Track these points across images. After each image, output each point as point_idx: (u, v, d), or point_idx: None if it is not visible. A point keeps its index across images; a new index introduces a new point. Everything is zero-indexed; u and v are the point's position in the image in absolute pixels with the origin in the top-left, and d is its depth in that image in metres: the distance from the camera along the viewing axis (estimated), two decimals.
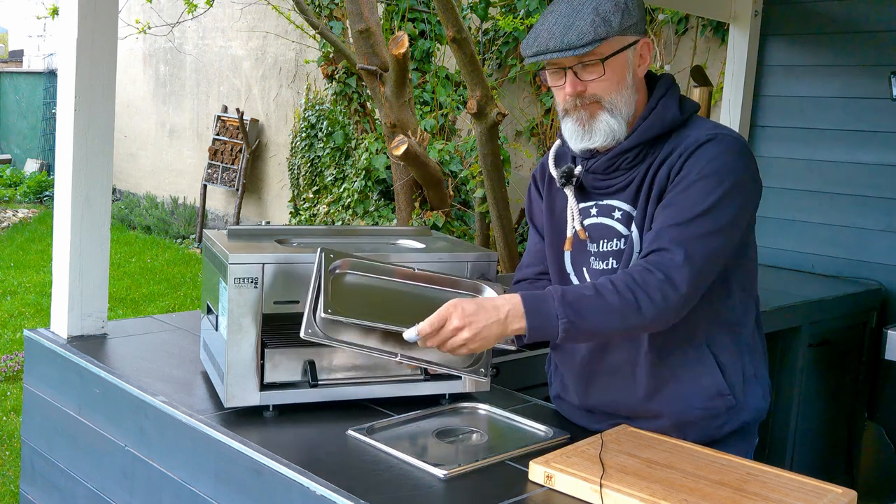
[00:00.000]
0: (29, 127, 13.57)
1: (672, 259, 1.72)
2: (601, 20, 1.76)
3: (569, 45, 1.76)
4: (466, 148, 6.60)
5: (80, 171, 2.37)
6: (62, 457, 2.29)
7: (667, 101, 1.87)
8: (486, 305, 1.68)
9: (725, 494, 1.54)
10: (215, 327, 1.97)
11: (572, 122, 1.85)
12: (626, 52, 1.82)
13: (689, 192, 1.77)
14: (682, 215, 1.76)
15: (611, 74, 1.81)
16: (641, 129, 1.84)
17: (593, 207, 1.91)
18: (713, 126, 1.86)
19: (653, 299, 1.70)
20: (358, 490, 1.54)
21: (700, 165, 1.77)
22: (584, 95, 1.82)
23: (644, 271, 1.72)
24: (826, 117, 4.09)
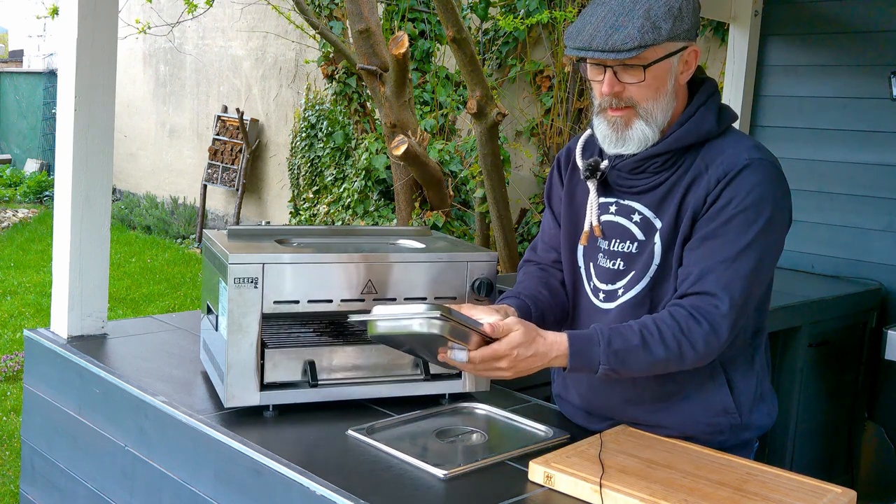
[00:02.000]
0: (29, 127, 13.57)
1: (718, 308, 1.71)
2: (651, 26, 1.70)
3: (612, 47, 1.70)
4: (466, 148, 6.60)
5: (80, 171, 2.37)
6: (62, 457, 2.29)
7: (706, 110, 1.82)
8: (536, 353, 1.67)
9: (725, 494, 1.54)
10: (215, 327, 1.97)
11: (606, 126, 1.81)
12: (671, 59, 1.76)
13: (730, 224, 1.74)
14: (725, 252, 1.73)
15: (651, 81, 1.75)
16: (675, 137, 1.80)
17: (613, 205, 1.89)
18: (751, 146, 1.80)
19: (696, 349, 1.71)
20: (358, 490, 1.54)
21: (741, 196, 1.74)
22: (621, 97, 1.77)
23: (690, 319, 1.71)
24: (826, 117, 4.09)
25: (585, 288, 1.94)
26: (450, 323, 1.61)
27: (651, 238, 1.83)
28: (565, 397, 2.04)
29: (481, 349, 1.65)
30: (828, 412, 3.80)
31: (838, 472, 3.92)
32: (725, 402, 1.85)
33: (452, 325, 1.61)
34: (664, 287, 1.82)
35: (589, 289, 1.93)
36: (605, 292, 1.88)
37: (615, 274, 1.86)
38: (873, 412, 3.96)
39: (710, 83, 1.87)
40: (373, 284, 1.92)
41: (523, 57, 6.97)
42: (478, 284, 1.97)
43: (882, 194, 3.93)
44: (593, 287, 1.92)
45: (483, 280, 1.97)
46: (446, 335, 1.61)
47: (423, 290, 1.96)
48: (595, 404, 1.95)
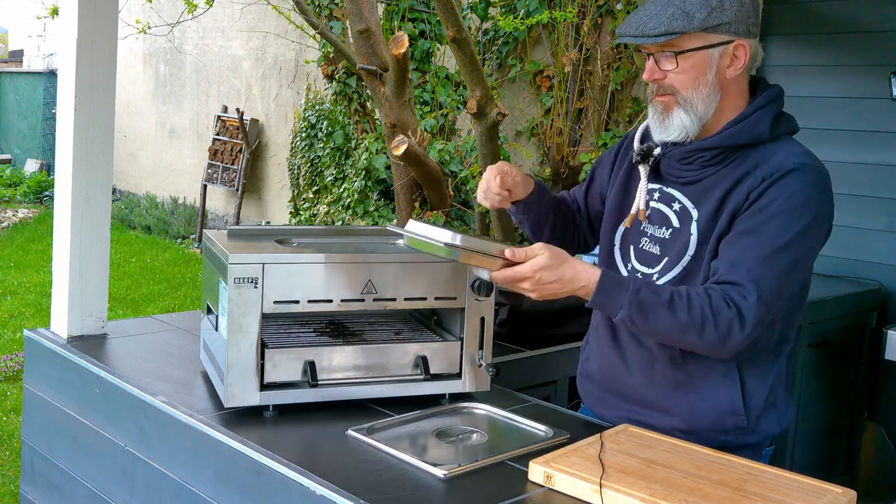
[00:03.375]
0: (29, 127, 13.57)
1: (746, 299, 1.72)
2: (682, 14, 1.76)
3: (642, 32, 1.79)
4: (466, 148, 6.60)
5: (80, 171, 2.37)
6: (62, 457, 2.29)
7: (763, 114, 1.85)
8: (563, 277, 1.73)
9: (725, 494, 1.54)
10: (215, 327, 1.97)
11: (652, 111, 1.89)
12: (709, 50, 1.79)
13: (770, 223, 1.76)
14: (762, 248, 1.75)
15: (688, 69, 1.81)
16: (727, 135, 1.83)
17: (657, 192, 1.94)
18: (802, 152, 1.83)
19: (719, 329, 1.72)
20: (358, 490, 1.54)
21: (784, 196, 1.76)
22: (662, 84, 1.84)
23: (721, 301, 1.73)
24: (826, 117, 4.09)
25: (621, 269, 1.99)
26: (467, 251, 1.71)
27: (687, 227, 1.86)
28: (587, 371, 2.08)
29: (503, 270, 1.73)
30: (828, 412, 3.80)
31: (838, 472, 3.92)
32: (735, 402, 1.86)
33: (469, 253, 1.71)
34: (696, 277, 1.85)
35: (626, 270, 1.98)
36: (643, 275, 1.92)
37: (653, 259, 1.92)
38: (873, 412, 3.96)
39: (773, 89, 1.90)
40: (373, 284, 1.92)
41: (523, 57, 6.97)
42: (478, 284, 1.97)
43: (882, 194, 3.93)
44: (631, 269, 1.97)
45: (483, 280, 1.97)
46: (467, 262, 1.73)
47: (423, 290, 1.96)
48: (615, 379, 1.99)
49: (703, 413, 1.88)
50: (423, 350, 1.98)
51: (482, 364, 2.00)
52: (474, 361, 2.01)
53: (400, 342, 2.01)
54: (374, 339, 2.04)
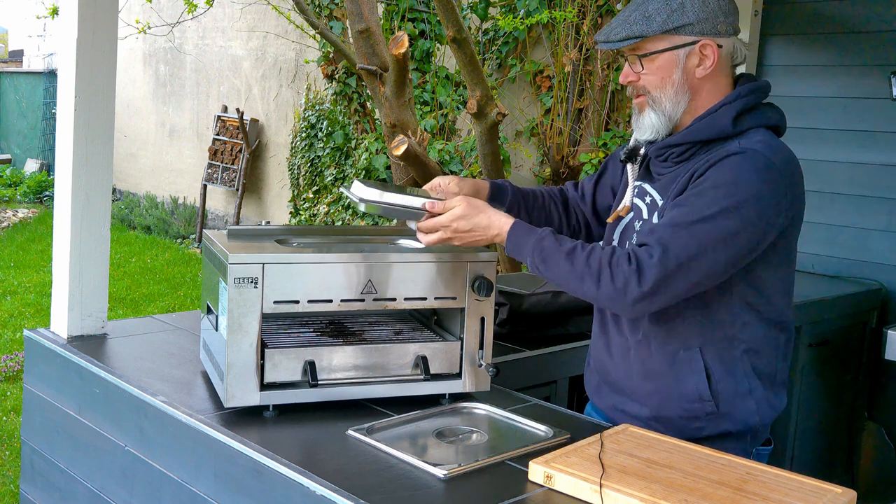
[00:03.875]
0: (29, 127, 13.57)
1: (651, 257, 1.76)
2: (643, 18, 1.84)
3: (606, 38, 1.89)
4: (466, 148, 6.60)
5: (80, 171, 2.37)
6: (62, 457, 2.29)
7: (728, 109, 1.87)
8: (479, 226, 1.88)
9: (725, 494, 1.54)
10: (215, 327, 1.97)
11: (633, 111, 1.97)
12: (674, 52, 1.85)
13: (697, 197, 1.79)
14: (681, 218, 1.78)
15: (655, 70, 1.88)
16: (691, 130, 1.89)
17: (637, 188, 2.02)
18: (757, 141, 1.83)
19: (615, 282, 1.77)
20: (358, 490, 1.54)
21: (717, 175, 1.79)
22: (635, 86, 1.92)
23: (624, 256, 1.79)
24: (826, 117, 4.09)
25: None
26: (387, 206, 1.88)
27: (653, 219, 1.94)
28: (588, 362, 2.16)
29: (425, 221, 1.89)
30: (828, 412, 3.80)
31: (838, 472, 3.92)
32: (701, 389, 1.90)
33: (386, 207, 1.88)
34: None
35: None
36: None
37: None
38: (873, 412, 3.96)
39: (748, 86, 1.91)
40: (373, 284, 1.92)
41: (523, 57, 6.97)
42: (478, 284, 1.97)
43: (882, 194, 3.93)
44: None
45: (483, 280, 1.98)
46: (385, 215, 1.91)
47: (423, 290, 1.96)
48: (604, 368, 2.06)
49: (671, 401, 1.92)
50: (423, 350, 1.98)
51: (482, 364, 2.00)
52: (474, 361, 2.01)
53: (400, 342, 2.01)
54: (374, 339, 2.04)
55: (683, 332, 1.89)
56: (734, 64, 1.93)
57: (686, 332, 1.89)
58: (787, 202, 1.81)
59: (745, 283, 1.86)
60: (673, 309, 1.87)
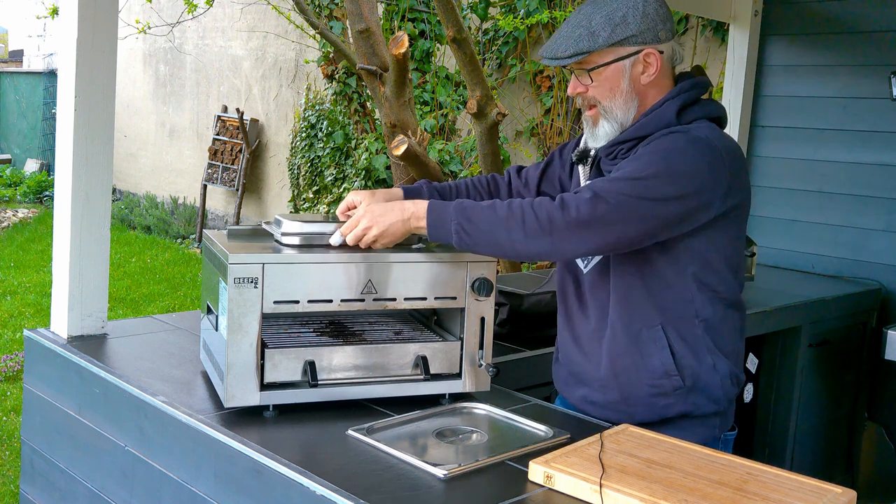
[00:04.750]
0: (29, 127, 13.57)
1: (578, 197, 1.82)
2: (588, 34, 1.90)
3: (553, 55, 1.95)
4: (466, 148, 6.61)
5: (80, 171, 2.37)
6: (62, 457, 2.29)
7: (671, 103, 1.95)
8: (394, 207, 1.90)
9: (725, 494, 1.54)
10: (215, 327, 1.97)
11: (585, 123, 2.03)
12: (620, 62, 1.93)
13: (636, 160, 1.88)
14: (617, 175, 1.87)
15: (602, 83, 1.95)
16: (637, 126, 1.96)
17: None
18: (699, 127, 1.92)
19: (539, 218, 1.80)
20: (358, 490, 1.54)
21: (657, 144, 1.88)
22: (584, 97, 1.99)
23: (545, 198, 1.85)
24: (826, 117, 4.09)
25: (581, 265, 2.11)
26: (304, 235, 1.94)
27: None
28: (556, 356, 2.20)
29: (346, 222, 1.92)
30: (828, 412, 3.80)
31: (838, 472, 3.92)
32: (666, 363, 1.96)
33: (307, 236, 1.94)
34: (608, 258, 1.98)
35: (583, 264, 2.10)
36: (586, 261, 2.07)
37: None
38: (873, 412, 3.96)
39: (689, 82, 1.99)
40: (373, 284, 1.92)
41: (523, 57, 6.97)
42: (478, 284, 1.97)
43: (882, 194, 3.93)
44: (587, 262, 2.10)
45: (483, 280, 1.98)
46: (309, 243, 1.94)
47: (423, 290, 1.96)
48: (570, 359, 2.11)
49: (638, 379, 1.98)
50: (423, 350, 1.98)
51: (482, 364, 2.00)
52: (474, 361, 2.01)
53: (400, 342, 2.01)
54: (374, 339, 2.04)
55: (645, 311, 1.96)
56: (674, 66, 2.01)
57: (648, 312, 1.96)
58: (725, 185, 1.88)
59: (697, 263, 1.94)
60: (635, 290, 1.95)
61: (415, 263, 1.95)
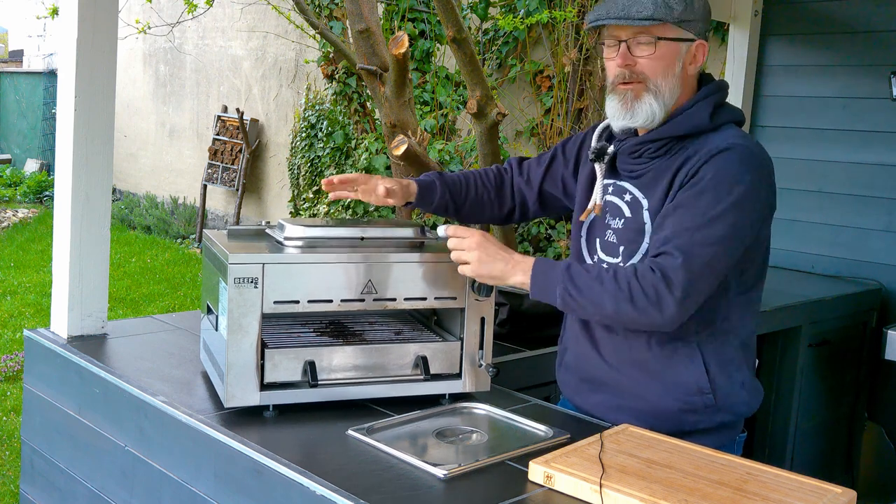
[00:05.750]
0: (29, 127, 13.56)
1: (672, 261, 1.78)
2: (663, 3, 1.85)
3: (628, 15, 1.85)
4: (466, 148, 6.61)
5: (80, 171, 2.37)
6: (62, 457, 2.29)
7: (702, 105, 1.92)
8: (504, 258, 1.86)
9: (725, 494, 1.54)
10: (215, 327, 1.97)
11: (617, 100, 1.93)
12: (679, 43, 1.89)
13: (701, 197, 1.82)
14: (692, 220, 1.81)
15: (662, 56, 1.88)
16: (669, 126, 1.92)
17: (611, 186, 2.02)
18: (737, 135, 1.91)
19: (646, 293, 1.78)
20: (358, 490, 1.54)
21: (713, 172, 1.83)
22: (633, 70, 1.90)
23: (645, 269, 1.80)
24: (826, 117, 4.09)
25: (587, 259, 2.08)
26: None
27: (639, 215, 1.95)
28: (565, 362, 2.13)
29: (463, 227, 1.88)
30: (828, 412, 3.80)
31: (838, 472, 3.92)
32: (700, 380, 1.93)
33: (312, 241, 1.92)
34: None
35: (591, 260, 2.06)
36: (609, 265, 1.97)
37: (613, 248, 2.00)
38: (873, 412, 3.96)
39: (715, 83, 1.98)
40: (373, 285, 1.92)
41: (523, 57, 6.97)
42: (478, 285, 1.97)
43: (882, 194, 3.93)
44: (597, 259, 2.05)
45: None
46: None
47: (423, 291, 1.96)
48: (589, 367, 2.05)
49: (670, 395, 1.94)
50: (423, 350, 1.98)
51: (482, 364, 2.00)
52: (474, 361, 2.01)
53: (400, 342, 2.01)
54: (374, 339, 2.04)
55: (683, 328, 1.90)
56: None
57: (686, 329, 1.91)
58: (768, 192, 1.90)
59: (736, 276, 1.92)
60: None
61: (415, 264, 1.95)
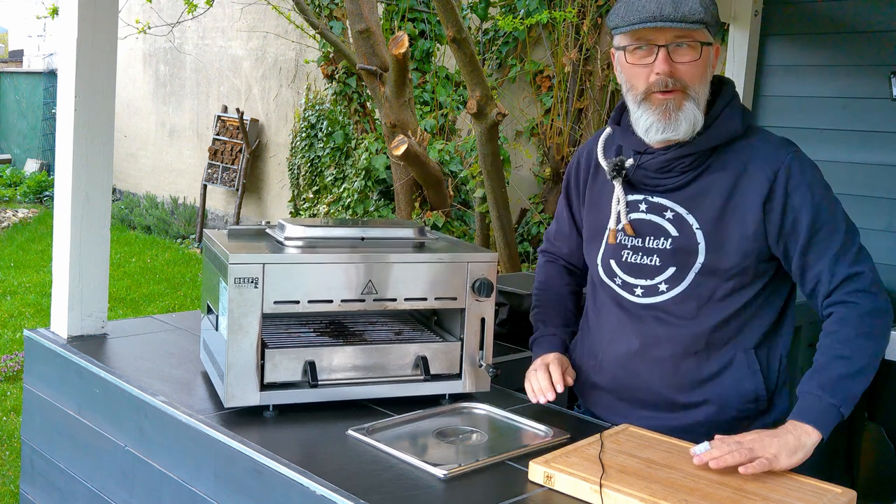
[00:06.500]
0: (29, 127, 13.57)
1: (861, 279, 1.79)
2: (702, 6, 1.73)
3: (683, 17, 1.71)
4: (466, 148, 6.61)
5: (80, 171, 2.37)
6: (62, 457, 2.29)
7: (731, 111, 1.85)
8: (788, 445, 1.67)
9: (725, 494, 1.54)
10: (215, 327, 1.97)
11: (654, 111, 1.79)
12: (711, 47, 1.81)
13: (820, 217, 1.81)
14: (834, 244, 1.81)
15: (701, 62, 1.78)
16: (705, 138, 1.82)
17: (642, 203, 1.91)
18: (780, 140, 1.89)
19: (884, 317, 1.78)
20: (358, 490, 1.54)
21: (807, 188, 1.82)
22: (675, 77, 1.76)
23: (852, 307, 1.78)
24: (826, 117, 4.09)
25: (609, 283, 1.97)
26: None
27: (689, 235, 1.85)
28: (594, 381, 2.03)
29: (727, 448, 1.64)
30: None
31: (838, 472, 3.91)
32: (758, 388, 1.90)
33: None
34: (710, 283, 1.86)
35: (615, 284, 1.96)
36: (645, 288, 1.91)
37: (653, 270, 1.89)
38: (873, 412, 3.96)
39: (731, 84, 1.90)
40: (373, 285, 1.92)
41: (523, 57, 6.97)
42: (478, 285, 1.97)
43: (882, 194, 3.93)
44: (621, 283, 1.94)
45: (483, 280, 1.98)
46: None
47: (424, 291, 1.96)
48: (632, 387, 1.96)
49: (729, 404, 1.90)
50: (423, 350, 1.98)
51: (482, 365, 2.00)
52: (474, 362, 2.01)
53: (400, 342, 2.01)
54: (374, 339, 2.04)
55: (745, 334, 1.88)
56: None
57: (747, 335, 1.89)
58: None
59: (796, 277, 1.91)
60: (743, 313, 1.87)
61: (415, 264, 1.95)
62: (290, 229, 1.95)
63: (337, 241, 1.97)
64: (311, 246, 1.93)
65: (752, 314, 1.89)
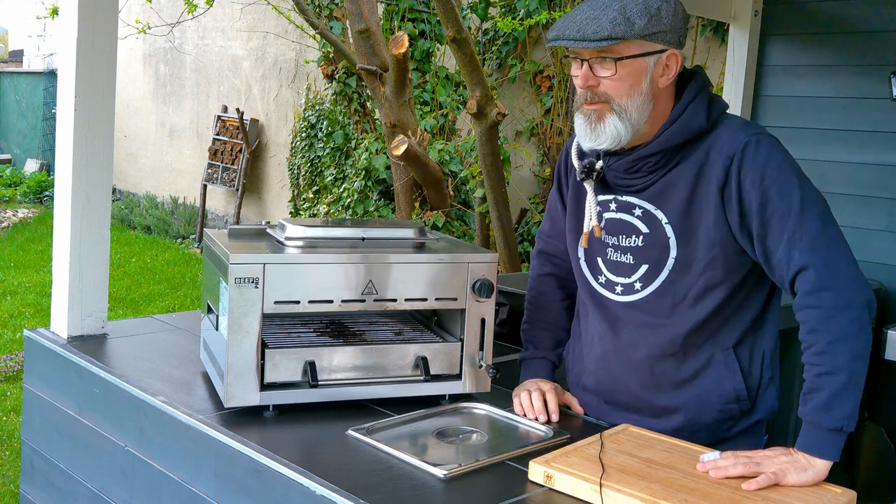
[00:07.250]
0: (29, 127, 13.57)
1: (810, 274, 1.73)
2: (624, 20, 1.73)
3: (583, 36, 1.74)
4: (466, 148, 6.61)
5: (80, 171, 2.37)
6: (62, 457, 2.29)
7: (695, 107, 1.82)
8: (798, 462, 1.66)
9: (725, 494, 1.54)
10: (215, 327, 1.97)
11: (582, 120, 1.83)
12: (646, 58, 1.77)
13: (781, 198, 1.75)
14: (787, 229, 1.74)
15: (624, 76, 1.77)
16: (665, 137, 1.82)
17: (612, 202, 1.92)
18: (742, 124, 1.83)
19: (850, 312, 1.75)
20: (358, 490, 1.54)
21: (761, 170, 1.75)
22: (595, 91, 1.80)
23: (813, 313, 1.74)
24: (826, 117, 4.09)
25: (592, 282, 1.98)
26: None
27: (659, 231, 1.85)
28: (583, 384, 2.05)
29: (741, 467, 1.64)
30: None
31: (838, 472, 3.91)
32: (738, 387, 1.89)
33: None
34: (685, 279, 1.84)
35: (598, 283, 1.97)
36: (623, 286, 1.91)
37: (629, 268, 1.90)
38: (873, 412, 3.96)
39: (698, 79, 1.87)
40: (373, 285, 1.92)
41: (523, 57, 6.97)
42: (478, 285, 1.97)
43: (882, 194, 3.93)
44: (605, 281, 1.95)
45: (483, 281, 1.97)
46: None
47: (424, 291, 1.96)
48: (615, 390, 1.97)
49: (709, 405, 1.89)
50: (423, 351, 1.98)
51: (482, 365, 2.00)
52: (474, 362, 2.01)
53: (400, 343, 2.01)
54: (374, 339, 2.04)
55: (723, 334, 1.87)
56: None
57: (725, 334, 1.88)
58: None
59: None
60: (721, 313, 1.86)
61: (415, 264, 1.95)
62: (290, 229, 1.95)
63: (337, 241, 1.97)
64: (311, 246, 1.93)
65: (730, 314, 1.87)
